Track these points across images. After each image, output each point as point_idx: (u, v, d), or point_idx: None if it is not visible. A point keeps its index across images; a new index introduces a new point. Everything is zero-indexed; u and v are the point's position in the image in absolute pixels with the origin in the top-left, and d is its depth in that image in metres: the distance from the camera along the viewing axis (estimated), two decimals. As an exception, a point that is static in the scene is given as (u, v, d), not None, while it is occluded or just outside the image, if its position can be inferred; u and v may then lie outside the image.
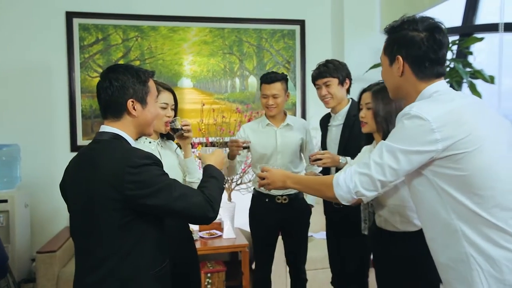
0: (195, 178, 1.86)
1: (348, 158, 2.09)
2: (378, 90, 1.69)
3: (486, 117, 1.18)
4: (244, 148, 2.25)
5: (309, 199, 2.56)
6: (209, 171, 1.42)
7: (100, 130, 1.31)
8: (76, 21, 3.28)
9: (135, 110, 1.29)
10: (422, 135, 1.11)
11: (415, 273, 1.58)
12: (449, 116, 1.12)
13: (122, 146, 1.26)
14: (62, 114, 3.31)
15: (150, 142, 1.83)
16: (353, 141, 2.15)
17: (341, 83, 2.22)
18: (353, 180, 1.22)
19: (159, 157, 1.82)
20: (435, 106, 1.15)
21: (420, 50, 1.20)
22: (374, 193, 1.22)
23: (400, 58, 1.23)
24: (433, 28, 1.21)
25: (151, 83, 1.35)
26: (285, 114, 2.49)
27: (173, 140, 1.95)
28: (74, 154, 1.35)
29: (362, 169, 1.21)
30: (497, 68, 2.56)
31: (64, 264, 2.81)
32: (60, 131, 3.31)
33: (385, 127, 1.65)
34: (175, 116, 1.86)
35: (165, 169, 1.75)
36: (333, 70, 2.20)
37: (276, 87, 2.34)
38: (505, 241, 1.09)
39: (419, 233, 1.33)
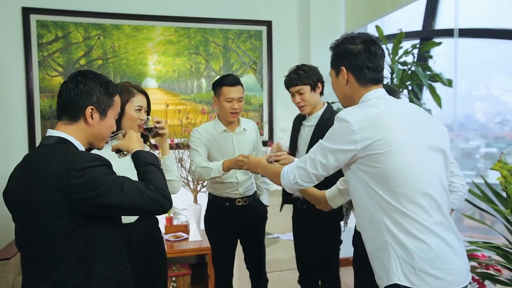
0: (173, 175, 1.86)
1: None
2: None
3: (409, 124, 1.32)
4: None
5: (264, 199, 2.56)
6: (142, 158, 1.34)
7: (46, 135, 1.26)
8: (33, 18, 3.15)
9: (92, 118, 1.26)
10: (346, 135, 1.29)
11: None
12: (369, 120, 1.28)
13: (66, 149, 1.21)
14: (19, 114, 3.17)
15: None
16: None
17: (313, 88, 2.19)
18: (293, 172, 1.43)
19: (130, 161, 1.78)
20: (359, 111, 1.33)
21: (358, 59, 1.38)
22: (311, 184, 1.43)
23: (344, 69, 1.40)
24: (368, 41, 1.39)
25: (117, 99, 1.33)
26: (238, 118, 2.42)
27: (148, 142, 1.92)
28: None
29: (300, 163, 1.42)
30: (451, 72, 2.65)
31: (19, 273, 2.68)
32: (17, 132, 3.16)
33: None
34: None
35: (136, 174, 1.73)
36: (304, 77, 2.16)
37: (240, 90, 2.26)
38: (417, 230, 1.25)
39: None
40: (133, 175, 1.64)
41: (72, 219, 1.16)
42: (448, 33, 2.75)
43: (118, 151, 1.46)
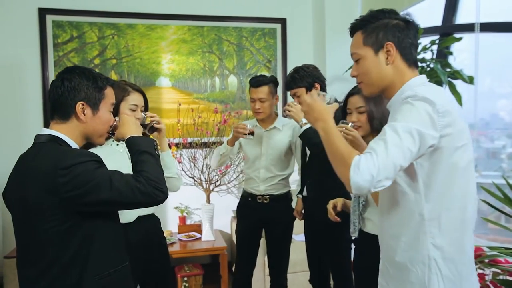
0: (172, 172, 1.81)
1: (309, 125, 2.12)
2: None
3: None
4: (250, 134, 2.26)
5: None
6: (136, 145, 1.26)
7: (38, 133, 1.24)
8: (49, 18, 3.18)
9: (84, 114, 1.23)
10: (432, 118, 1.04)
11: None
12: (449, 105, 1.09)
13: (55, 148, 1.18)
14: (35, 114, 3.21)
15: (117, 145, 1.79)
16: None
17: (309, 90, 2.21)
18: (376, 165, 0.99)
19: (128, 158, 1.77)
20: (437, 92, 1.10)
21: (407, 36, 1.18)
22: (390, 182, 1.04)
23: (393, 45, 1.17)
24: (407, 19, 1.22)
25: (108, 91, 1.29)
26: (277, 115, 2.47)
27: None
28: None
29: (382, 153, 1.01)
30: (473, 68, 2.54)
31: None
32: (34, 131, 3.16)
33: (380, 128, 1.60)
34: None
35: None
36: (299, 80, 2.21)
37: (263, 91, 2.32)
38: (469, 245, 1.12)
39: None
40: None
41: (65, 218, 1.14)
42: (469, 28, 2.64)
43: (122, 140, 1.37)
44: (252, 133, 2.26)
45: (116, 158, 1.75)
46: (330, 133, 1.12)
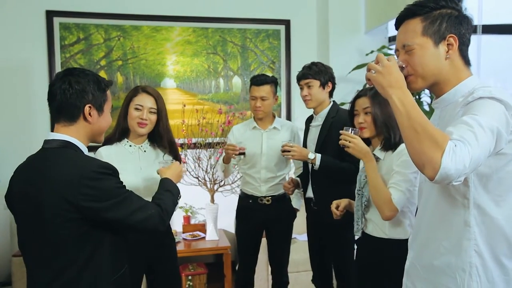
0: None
1: (318, 155, 2.16)
2: (375, 94, 1.65)
3: None
4: (240, 154, 2.32)
5: (295, 202, 2.56)
6: (165, 185, 1.46)
7: (48, 138, 1.25)
8: (56, 20, 3.23)
9: (91, 116, 1.25)
10: (508, 121, 0.98)
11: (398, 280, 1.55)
12: None
13: (75, 155, 1.21)
14: (43, 114, 3.26)
15: (130, 146, 1.83)
16: (328, 143, 2.19)
17: (323, 85, 2.24)
18: (469, 156, 0.90)
19: (138, 161, 1.81)
20: (509, 96, 1.01)
21: (467, 31, 1.09)
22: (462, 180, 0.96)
23: (456, 37, 1.08)
24: (467, 13, 1.11)
25: (109, 93, 1.33)
26: (274, 117, 2.50)
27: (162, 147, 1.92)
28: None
29: (475, 145, 0.91)
30: (476, 70, 2.55)
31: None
32: (41, 131, 3.25)
33: (385, 131, 1.66)
34: (158, 119, 1.84)
35: (141, 176, 1.78)
36: (316, 72, 2.23)
37: (265, 90, 2.36)
38: (509, 261, 1.07)
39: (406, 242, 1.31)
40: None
41: (80, 224, 1.16)
42: (471, 29, 2.65)
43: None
44: (243, 153, 2.33)
45: (126, 158, 1.80)
46: (408, 105, 0.99)
